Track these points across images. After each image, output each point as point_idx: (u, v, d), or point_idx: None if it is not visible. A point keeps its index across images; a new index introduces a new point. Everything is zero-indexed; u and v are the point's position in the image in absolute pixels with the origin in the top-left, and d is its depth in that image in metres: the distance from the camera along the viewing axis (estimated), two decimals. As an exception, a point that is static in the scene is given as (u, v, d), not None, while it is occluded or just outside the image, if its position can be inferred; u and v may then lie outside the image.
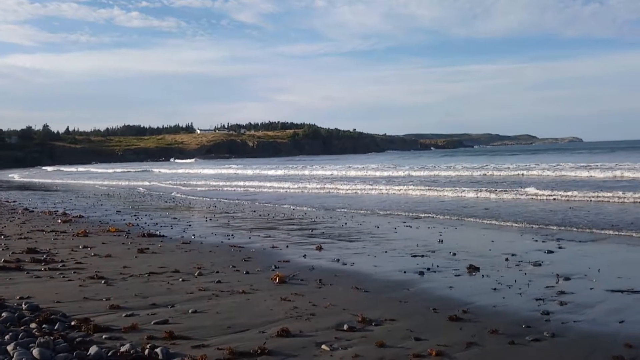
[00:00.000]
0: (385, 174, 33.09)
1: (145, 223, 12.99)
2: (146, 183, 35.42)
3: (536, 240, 9.33)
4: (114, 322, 4.73)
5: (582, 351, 4.08)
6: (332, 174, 36.44)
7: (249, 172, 44.16)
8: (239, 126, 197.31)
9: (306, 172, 40.17)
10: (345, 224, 12.32)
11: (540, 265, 7.33)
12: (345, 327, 4.63)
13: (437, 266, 7.37)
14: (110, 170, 63.81)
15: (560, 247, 8.64)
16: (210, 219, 13.88)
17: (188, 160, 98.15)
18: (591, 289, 6.01)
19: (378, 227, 11.66)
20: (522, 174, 26.87)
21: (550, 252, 8.27)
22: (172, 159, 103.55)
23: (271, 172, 41.37)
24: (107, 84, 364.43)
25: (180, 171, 53.76)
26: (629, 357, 3.89)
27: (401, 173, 32.98)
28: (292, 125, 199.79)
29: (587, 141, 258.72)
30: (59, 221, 13.24)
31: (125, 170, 64.50)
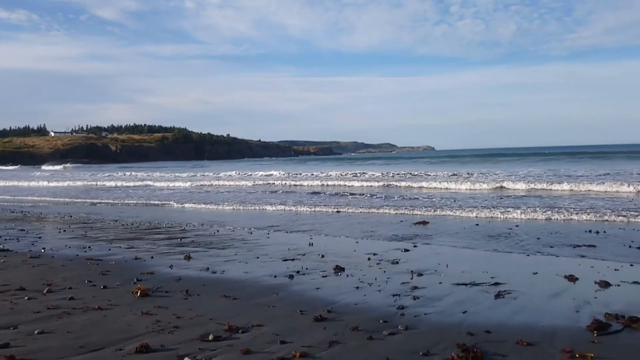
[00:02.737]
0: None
1: (-16, 237, 11.42)
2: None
3: (395, 240, 10.02)
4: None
5: (431, 341, 4.46)
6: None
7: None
8: (99, 129, 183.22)
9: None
10: (218, 231, 12.07)
11: (397, 263, 7.88)
12: (210, 337, 4.52)
13: (307, 269, 7.55)
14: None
15: (415, 246, 9.39)
16: (65, 230, 12.66)
17: (53, 167, 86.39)
18: (440, 283, 6.61)
19: (251, 232, 11.62)
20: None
21: (406, 250, 8.95)
22: (42, 167, 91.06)
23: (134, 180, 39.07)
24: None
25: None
26: (470, 343, 4.34)
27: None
28: (160, 129, 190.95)
29: (438, 149, 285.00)
30: None
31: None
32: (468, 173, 28.43)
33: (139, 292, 6.14)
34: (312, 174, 33.44)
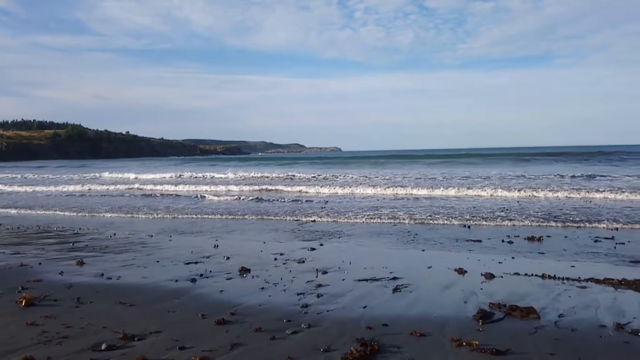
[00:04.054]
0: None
1: None
2: None
3: (302, 240, 10.14)
4: None
5: (332, 337, 4.58)
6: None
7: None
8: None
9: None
10: (114, 234, 11.42)
11: (303, 262, 7.99)
12: (103, 346, 4.27)
13: (210, 271, 7.40)
14: None
15: (321, 245, 9.57)
16: None
17: None
18: (343, 280, 6.80)
19: (151, 236, 11.14)
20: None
21: (313, 249, 9.10)
22: None
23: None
24: None
25: None
26: (369, 337, 4.52)
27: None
28: (52, 125, 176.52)
29: (345, 150, 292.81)
30: None
31: None
32: (366, 177, 29.52)
33: (24, 301, 5.65)
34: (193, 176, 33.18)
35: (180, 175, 34.21)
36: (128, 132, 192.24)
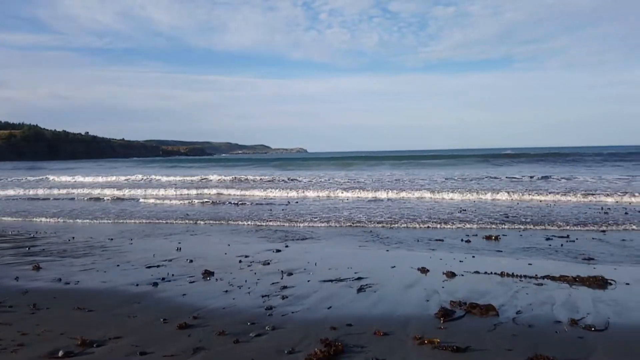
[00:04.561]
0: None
1: None
2: None
3: (267, 241, 10.10)
4: None
5: (297, 338, 4.58)
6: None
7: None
8: None
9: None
10: (73, 238, 11.08)
11: (269, 264, 7.95)
12: (60, 353, 4.15)
13: (173, 275, 7.28)
14: None
15: (287, 246, 9.55)
16: None
17: None
18: (308, 281, 6.81)
19: (112, 239, 10.86)
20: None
21: (278, 251, 9.07)
22: None
23: None
24: None
25: None
26: (333, 337, 4.54)
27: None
28: (7, 125, 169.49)
29: (311, 151, 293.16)
30: None
31: None
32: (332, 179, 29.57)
33: (-27, 310, 5.41)
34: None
35: (126, 179, 32.63)
36: (87, 132, 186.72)
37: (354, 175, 31.52)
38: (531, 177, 25.35)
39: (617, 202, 15.75)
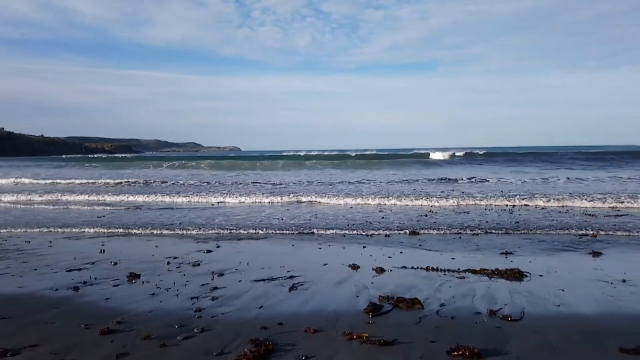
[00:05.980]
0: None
1: None
2: None
3: (197, 242, 9.88)
4: None
5: (226, 339, 4.52)
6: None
7: None
8: None
9: None
10: (-18, 241, 10.26)
11: (199, 265, 7.78)
12: (-33, 367, 3.84)
13: (95, 278, 6.94)
14: None
15: (218, 246, 9.39)
16: None
17: None
18: (240, 281, 6.74)
19: (29, 242, 10.17)
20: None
21: (209, 251, 8.89)
22: None
23: None
24: None
25: None
26: (263, 337, 4.53)
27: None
28: None
29: (244, 150, 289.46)
30: None
31: None
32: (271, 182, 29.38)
33: None
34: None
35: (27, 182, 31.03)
36: (3, 128, 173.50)
37: (282, 174, 31.49)
38: (459, 179, 26.29)
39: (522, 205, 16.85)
